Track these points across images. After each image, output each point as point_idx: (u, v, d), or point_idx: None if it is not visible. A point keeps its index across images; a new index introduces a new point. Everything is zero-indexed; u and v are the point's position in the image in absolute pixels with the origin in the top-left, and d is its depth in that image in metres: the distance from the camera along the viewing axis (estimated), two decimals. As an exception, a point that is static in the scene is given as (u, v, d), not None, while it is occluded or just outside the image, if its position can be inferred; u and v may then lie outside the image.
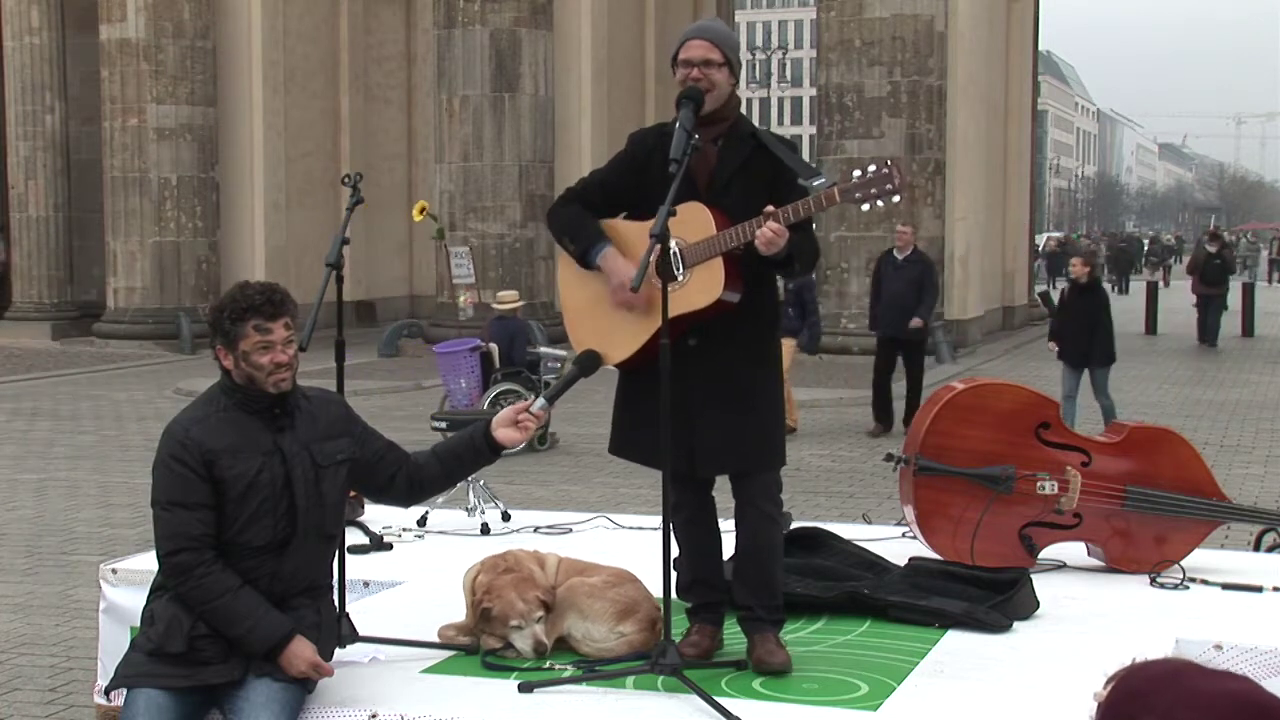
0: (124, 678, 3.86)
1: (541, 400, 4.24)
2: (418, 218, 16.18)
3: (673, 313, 4.08)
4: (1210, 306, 25.10)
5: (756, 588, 4.30)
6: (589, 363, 4.31)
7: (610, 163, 4.51)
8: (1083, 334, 13.10)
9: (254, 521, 3.86)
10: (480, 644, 4.39)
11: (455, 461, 4.26)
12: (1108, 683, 2.15)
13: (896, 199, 4.19)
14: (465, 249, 18.88)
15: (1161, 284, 34.49)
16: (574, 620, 4.38)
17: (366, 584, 5.22)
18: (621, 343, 4.31)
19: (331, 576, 4.19)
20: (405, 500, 4.34)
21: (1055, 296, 13.23)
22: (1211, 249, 26.55)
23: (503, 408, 4.36)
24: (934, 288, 14.56)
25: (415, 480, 4.21)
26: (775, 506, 4.39)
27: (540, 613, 4.35)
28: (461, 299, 17.02)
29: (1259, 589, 5.07)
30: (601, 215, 4.38)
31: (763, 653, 4.20)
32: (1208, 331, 24.87)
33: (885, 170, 4.17)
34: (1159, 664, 2.14)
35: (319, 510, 3.95)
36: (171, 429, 3.92)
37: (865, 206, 4.22)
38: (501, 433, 4.18)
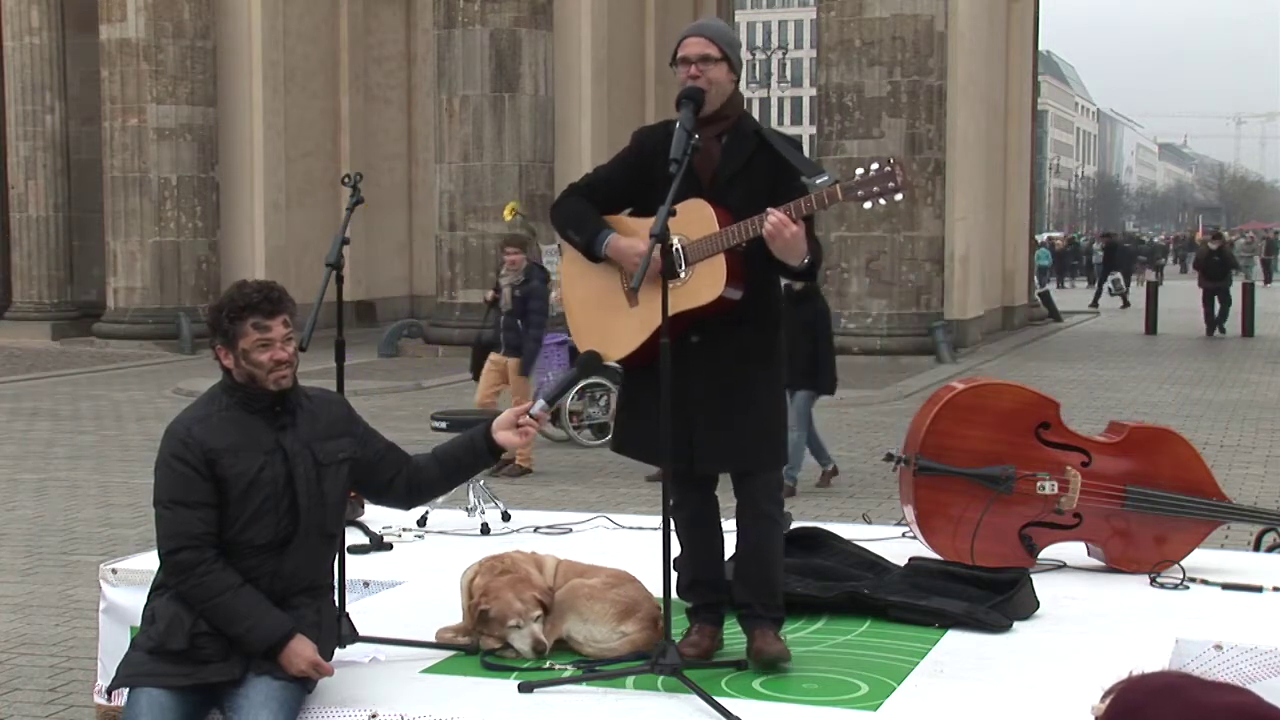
0: (126, 677, 3.87)
1: (541, 402, 4.24)
2: (508, 218, 16.28)
3: (675, 309, 4.08)
4: (1216, 298, 27.23)
5: (757, 587, 4.30)
6: (590, 364, 4.32)
7: (614, 159, 4.51)
8: (799, 352, 10.49)
9: (256, 520, 3.86)
10: (480, 644, 4.40)
11: (454, 464, 4.26)
12: (1105, 696, 2.14)
13: (899, 197, 4.19)
14: (555, 245, 19.02)
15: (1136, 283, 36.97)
16: (574, 622, 4.38)
17: (366, 584, 5.22)
18: (622, 340, 4.31)
19: (331, 576, 4.19)
20: (404, 502, 4.34)
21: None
22: (1213, 246, 29.26)
23: (590, 400, 4.38)
24: None
25: (414, 482, 4.22)
26: (776, 506, 4.39)
27: (538, 612, 4.35)
28: (553, 294, 17.27)
29: (1259, 589, 5.07)
30: (605, 211, 4.38)
31: (761, 644, 4.21)
32: (1216, 320, 27.05)
33: (888, 168, 4.17)
34: (1157, 677, 2.13)
35: (320, 509, 3.95)
36: (173, 428, 3.92)
37: (867, 205, 4.21)
38: (501, 435, 4.19)
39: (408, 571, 5.44)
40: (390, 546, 5.84)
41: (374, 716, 3.87)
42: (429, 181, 25.14)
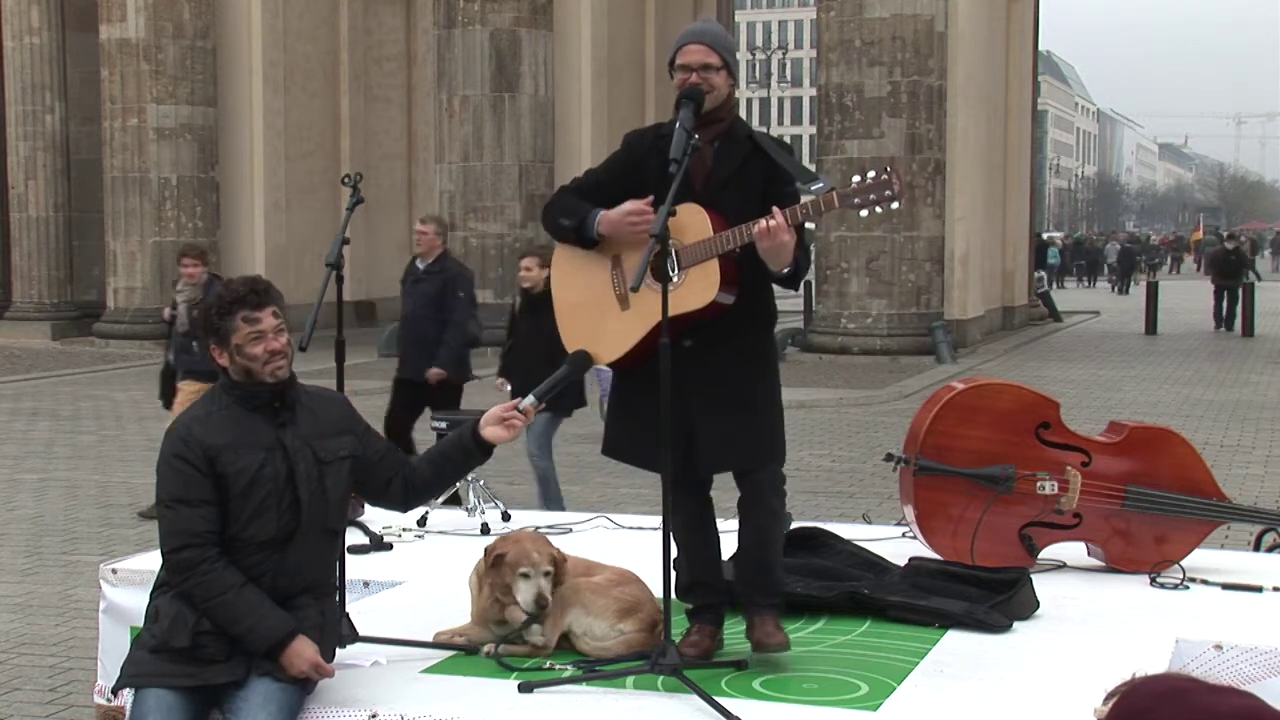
0: (131, 677, 3.87)
1: (530, 397, 4.23)
2: None
3: (669, 314, 4.07)
4: (1228, 296, 28.17)
5: (757, 580, 4.30)
6: (580, 363, 4.31)
7: (606, 162, 4.51)
8: (538, 365, 9.06)
9: (257, 516, 3.87)
10: (486, 646, 4.39)
11: (446, 463, 4.26)
12: (1108, 698, 2.13)
13: (895, 205, 4.19)
14: None
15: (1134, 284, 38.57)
16: (577, 615, 4.38)
17: (366, 584, 5.22)
18: (613, 343, 4.30)
19: (334, 575, 4.19)
20: (402, 504, 4.34)
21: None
22: (1229, 246, 31.14)
23: None
24: (462, 320, 9.68)
25: (411, 484, 4.22)
26: (780, 501, 4.39)
27: (549, 568, 4.34)
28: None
29: (1259, 589, 5.07)
30: None
31: (761, 634, 4.21)
32: (1226, 318, 27.94)
33: (885, 176, 4.16)
34: (1162, 680, 2.12)
35: (322, 505, 3.96)
36: (173, 428, 3.94)
37: (864, 212, 4.21)
38: (489, 431, 4.19)
39: (408, 571, 5.44)
40: (390, 546, 5.84)
41: (374, 716, 3.87)
42: (429, 181, 25.14)
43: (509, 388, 9.10)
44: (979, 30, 23.26)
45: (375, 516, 6.08)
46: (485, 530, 6.14)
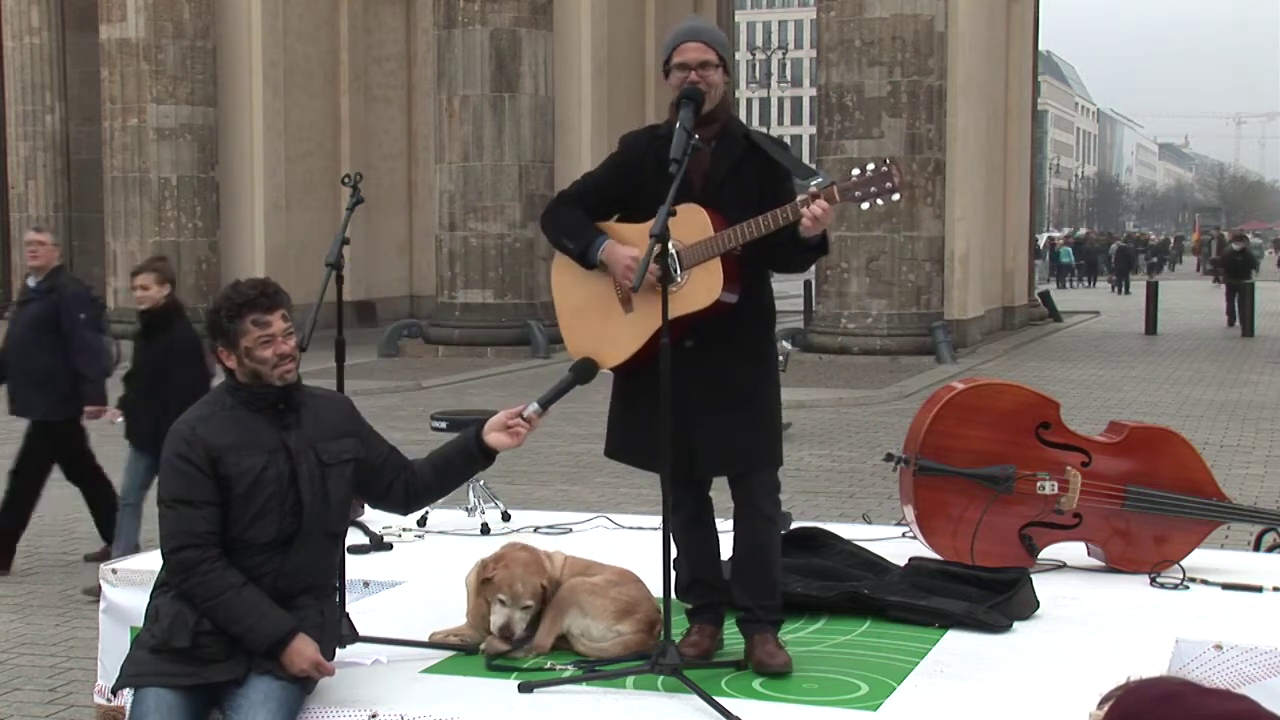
0: (130, 677, 3.87)
1: (535, 404, 4.23)
2: None
3: (672, 314, 4.07)
4: (1239, 294, 28.23)
5: (756, 588, 4.30)
6: (585, 371, 4.30)
7: (602, 165, 4.51)
8: (143, 395, 7.90)
9: (259, 518, 3.87)
10: (484, 643, 4.40)
11: (448, 467, 4.26)
12: (1103, 703, 2.13)
13: (896, 197, 4.19)
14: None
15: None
16: (575, 616, 4.39)
17: (366, 584, 5.22)
18: (618, 346, 4.31)
19: (335, 576, 4.20)
20: (403, 508, 4.34)
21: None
22: (1237, 246, 31.42)
23: None
24: (87, 345, 8.46)
25: (412, 488, 4.22)
26: (774, 506, 4.39)
27: (529, 603, 4.36)
28: None
29: (1259, 589, 5.07)
30: (596, 218, 4.38)
31: (763, 655, 4.20)
32: (1239, 316, 27.97)
33: (885, 169, 4.17)
34: (1157, 684, 2.12)
35: (324, 508, 3.96)
36: (177, 428, 3.94)
37: (865, 205, 4.21)
38: (493, 437, 4.19)
39: (408, 571, 5.45)
40: (390, 546, 5.85)
41: (374, 716, 3.88)
42: (429, 181, 25.15)
43: (119, 420, 8.20)
44: (979, 30, 23.26)
45: (375, 516, 6.07)
46: (485, 530, 6.14)
